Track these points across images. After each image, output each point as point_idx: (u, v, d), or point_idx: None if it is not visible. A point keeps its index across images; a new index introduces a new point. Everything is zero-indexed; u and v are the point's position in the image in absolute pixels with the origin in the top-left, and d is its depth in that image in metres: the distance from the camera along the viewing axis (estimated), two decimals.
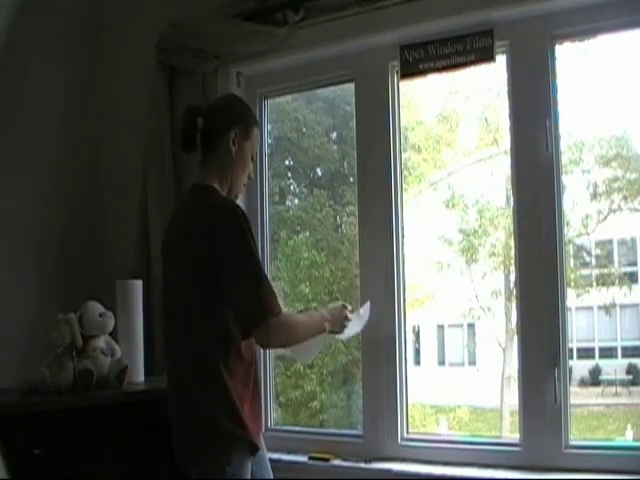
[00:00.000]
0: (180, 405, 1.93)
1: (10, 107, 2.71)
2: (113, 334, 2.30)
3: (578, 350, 3.37)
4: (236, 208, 1.90)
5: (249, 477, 1.89)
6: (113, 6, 3.04)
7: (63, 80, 2.97)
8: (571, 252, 3.15)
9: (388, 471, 2.35)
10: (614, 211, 3.08)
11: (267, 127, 2.92)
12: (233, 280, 1.84)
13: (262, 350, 2.59)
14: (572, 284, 3.07)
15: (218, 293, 1.85)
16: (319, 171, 3.28)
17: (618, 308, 3.37)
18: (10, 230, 2.70)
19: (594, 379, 3.59)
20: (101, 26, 3.08)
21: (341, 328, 2.11)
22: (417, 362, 3.76)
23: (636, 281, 3.34)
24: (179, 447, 1.93)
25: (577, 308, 3.24)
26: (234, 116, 2.02)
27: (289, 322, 1.91)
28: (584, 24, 2.22)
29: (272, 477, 2.07)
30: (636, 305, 3.32)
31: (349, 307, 2.16)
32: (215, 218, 1.88)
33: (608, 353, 3.66)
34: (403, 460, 2.40)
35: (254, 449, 1.88)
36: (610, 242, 3.41)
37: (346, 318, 2.11)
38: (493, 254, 3.25)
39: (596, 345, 3.70)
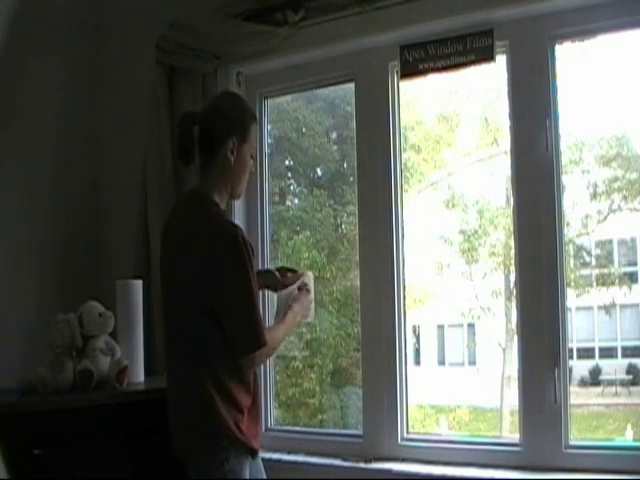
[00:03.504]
0: (180, 404, 1.94)
1: (10, 107, 2.71)
2: (113, 334, 2.30)
3: (578, 350, 3.37)
4: (236, 236, 1.88)
5: (247, 476, 1.91)
6: (113, 6, 3.04)
7: (63, 80, 2.97)
8: (571, 252, 3.15)
9: (388, 471, 2.35)
10: (614, 211, 3.08)
11: (267, 127, 2.92)
12: (229, 310, 1.88)
13: None
14: (572, 284, 3.07)
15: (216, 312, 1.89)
16: (319, 171, 3.28)
17: (618, 308, 3.37)
18: (10, 230, 2.70)
19: (594, 379, 3.58)
20: (101, 26, 3.08)
21: (308, 311, 2.17)
22: (417, 362, 3.76)
23: (636, 281, 3.34)
24: (177, 441, 1.95)
25: (577, 308, 3.24)
26: (231, 123, 1.99)
27: (271, 346, 1.95)
28: (584, 24, 2.23)
29: (265, 477, 2.08)
30: (636, 305, 3.32)
31: (307, 284, 2.18)
32: (215, 247, 1.87)
33: (608, 353, 3.66)
34: (403, 460, 2.40)
35: (253, 453, 1.93)
36: (610, 242, 3.40)
37: (310, 301, 2.17)
38: (493, 254, 3.25)
39: (596, 345, 3.69)
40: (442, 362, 4.07)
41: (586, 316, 3.54)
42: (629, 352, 3.57)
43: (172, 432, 1.95)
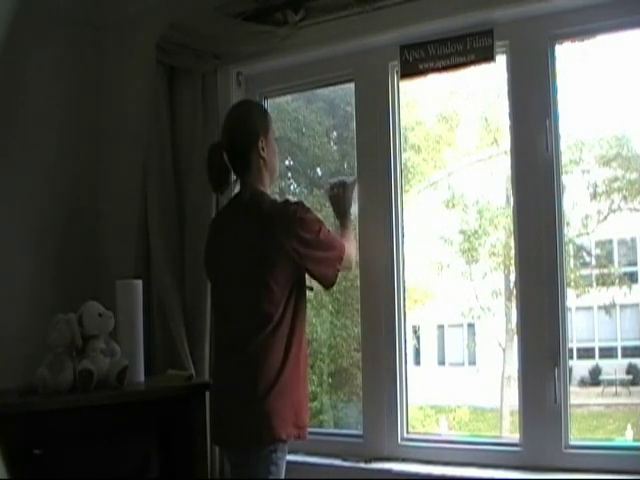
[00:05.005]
0: (239, 402, 2.02)
1: (10, 108, 2.71)
2: (113, 334, 2.30)
3: (578, 350, 3.37)
4: (303, 205, 2.10)
5: (284, 466, 2.03)
6: (113, 7, 3.04)
7: (63, 81, 2.97)
8: (571, 252, 3.16)
9: (388, 471, 2.34)
10: (614, 211, 3.09)
11: None
12: (320, 261, 2.09)
13: None
14: (572, 284, 3.08)
15: (289, 284, 2.05)
16: (319, 171, 3.28)
17: (618, 308, 3.38)
18: (10, 230, 2.70)
19: (594, 379, 3.59)
20: (101, 27, 3.08)
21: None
22: (417, 362, 3.76)
23: (636, 281, 3.34)
24: (224, 432, 2.06)
25: (577, 308, 3.25)
26: (253, 130, 2.15)
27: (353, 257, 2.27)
28: (584, 24, 2.22)
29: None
30: (636, 305, 3.32)
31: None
32: (290, 221, 2.05)
33: (608, 353, 3.66)
34: (403, 460, 2.40)
35: (304, 435, 2.06)
36: (610, 242, 3.41)
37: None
38: (493, 254, 3.26)
39: (596, 345, 3.70)
40: (442, 362, 4.07)
41: (586, 316, 3.54)
42: (629, 352, 3.57)
43: (223, 423, 2.05)
